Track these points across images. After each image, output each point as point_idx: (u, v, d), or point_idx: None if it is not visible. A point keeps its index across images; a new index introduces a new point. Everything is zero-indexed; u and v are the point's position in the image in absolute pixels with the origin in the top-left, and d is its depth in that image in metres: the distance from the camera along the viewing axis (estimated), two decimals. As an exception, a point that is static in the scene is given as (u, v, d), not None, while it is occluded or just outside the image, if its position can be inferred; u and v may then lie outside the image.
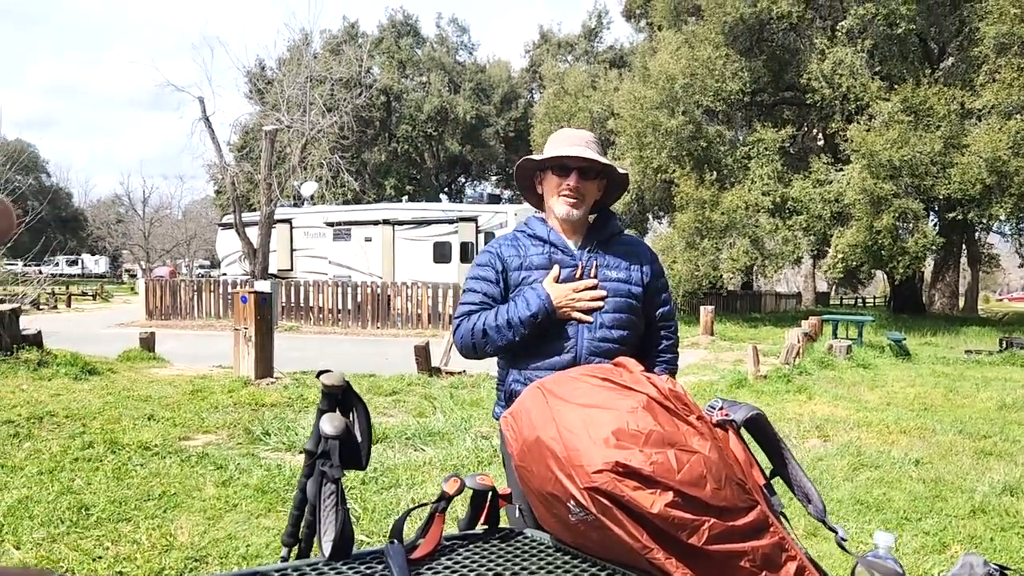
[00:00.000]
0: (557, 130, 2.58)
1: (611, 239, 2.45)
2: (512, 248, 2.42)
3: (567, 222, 2.39)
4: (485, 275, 2.41)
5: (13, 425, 6.87)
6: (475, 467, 5.40)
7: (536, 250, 2.39)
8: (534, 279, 2.34)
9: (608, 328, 2.33)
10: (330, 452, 1.35)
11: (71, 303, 30.33)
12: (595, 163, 2.36)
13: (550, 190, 2.40)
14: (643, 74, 24.25)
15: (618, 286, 2.37)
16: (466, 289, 2.44)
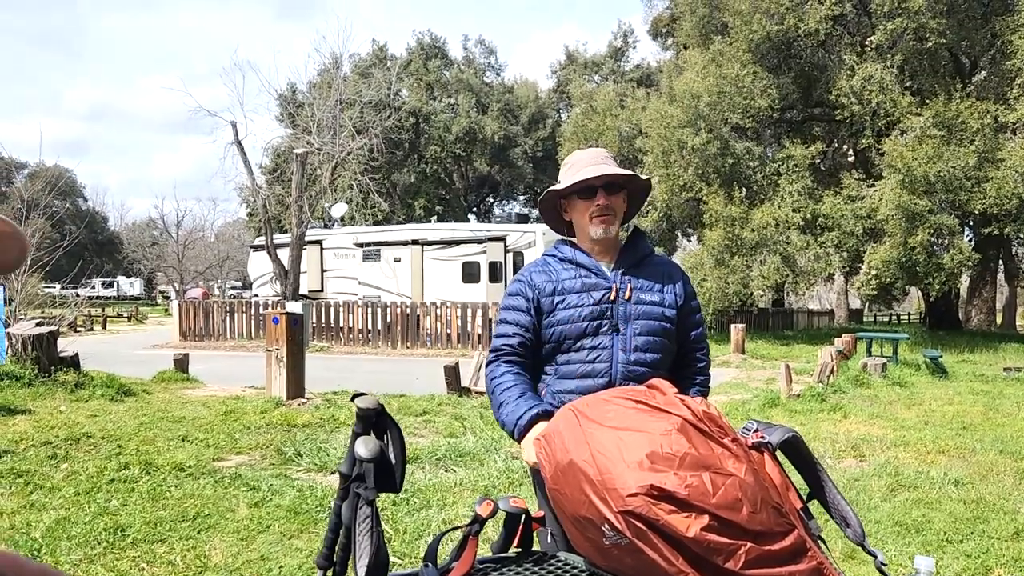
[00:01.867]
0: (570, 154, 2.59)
1: (644, 260, 2.44)
2: (543, 274, 2.41)
3: (600, 243, 2.39)
4: (516, 305, 2.41)
5: (51, 446, 6.99)
6: (506, 488, 5.38)
7: (568, 274, 2.39)
8: (568, 303, 2.34)
9: (642, 351, 2.32)
10: (365, 475, 1.36)
11: (107, 325, 30.88)
12: (618, 177, 2.36)
13: (579, 214, 2.40)
14: (669, 93, 24.26)
15: (651, 309, 2.36)
16: (499, 320, 2.44)
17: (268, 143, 31.48)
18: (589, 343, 2.32)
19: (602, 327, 2.32)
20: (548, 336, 2.37)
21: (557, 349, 2.36)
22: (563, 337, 2.34)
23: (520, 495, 1.72)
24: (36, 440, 7.23)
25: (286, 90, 33.51)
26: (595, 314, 2.33)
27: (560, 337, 2.34)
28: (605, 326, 2.32)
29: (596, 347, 2.31)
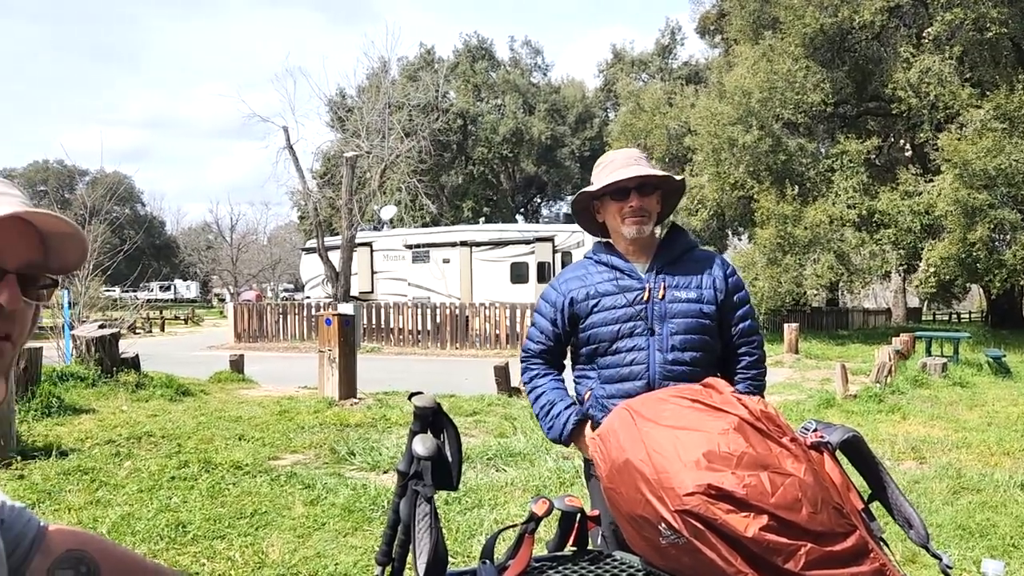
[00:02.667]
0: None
1: (681, 257, 2.40)
2: (578, 280, 2.42)
3: (635, 243, 2.37)
4: (543, 311, 2.47)
5: (115, 444, 7.21)
6: (558, 488, 5.38)
7: (602, 276, 2.38)
8: (602, 305, 2.34)
9: (680, 351, 2.29)
10: (423, 472, 1.37)
11: (164, 327, 31.72)
12: (651, 178, 2.34)
13: (612, 216, 2.39)
14: (719, 90, 23.95)
15: (688, 307, 2.32)
16: (532, 324, 2.53)
17: (318, 148, 32.03)
18: (625, 345, 2.31)
19: (636, 328, 2.30)
20: (585, 339, 2.37)
21: (596, 352, 2.36)
22: (599, 340, 2.34)
23: (575, 495, 1.72)
24: (100, 439, 7.47)
25: (335, 95, 34.02)
26: (628, 316, 2.31)
27: (596, 340, 2.35)
28: (639, 327, 2.30)
29: (632, 349, 2.30)
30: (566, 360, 2.54)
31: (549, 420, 2.38)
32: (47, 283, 1.05)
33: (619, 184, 2.32)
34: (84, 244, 1.07)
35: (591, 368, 2.39)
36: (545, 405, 2.40)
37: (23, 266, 1.00)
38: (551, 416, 2.38)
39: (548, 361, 2.48)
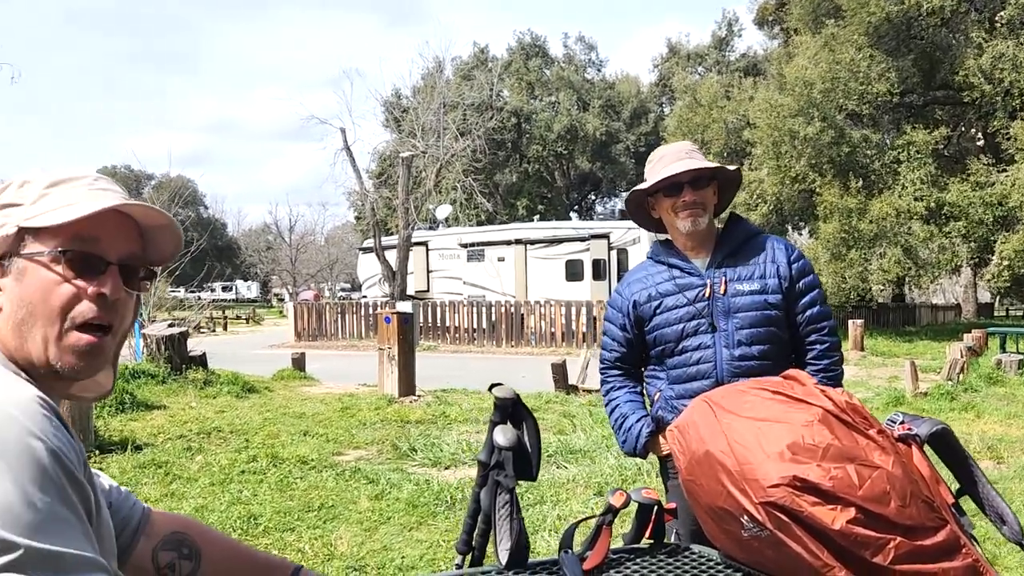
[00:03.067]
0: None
1: (741, 247, 2.33)
2: (640, 283, 2.39)
3: (692, 236, 2.32)
4: (612, 318, 2.46)
5: (186, 439, 7.43)
6: (619, 484, 5.35)
7: (662, 276, 2.35)
8: (664, 306, 2.31)
9: (747, 345, 2.23)
10: (504, 463, 1.38)
11: (227, 326, 32.56)
12: (704, 171, 2.29)
13: (667, 211, 2.34)
14: (779, 81, 23.48)
15: (752, 299, 2.25)
16: (604, 332, 2.52)
17: (374, 148, 32.42)
18: (690, 344, 2.27)
19: (700, 327, 2.26)
20: (651, 341, 2.35)
21: (663, 353, 2.33)
22: (664, 341, 2.31)
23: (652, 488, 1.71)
24: (172, 433, 7.70)
25: (391, 95, 34.40)
26: (691, 314, 2.27)
27: (662, 341, 2.32)
28: (703, 325, 2.25)
29: (698, 348, 2.26)
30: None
31: (623, 434, 2.39)
32: (145, 274, 1.08)
33: (671, 179, 2.28)
34: (179, 235, 1.11)
35: (661, 369, 2.37)
36: (618, 418, 2.41)
37: (124, 257, 1.04)
38: (624, 429, 2.38)
39: (624, 369, 2.47)
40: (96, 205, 0.98)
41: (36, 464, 0.84)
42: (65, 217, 0.97)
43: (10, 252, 0.99)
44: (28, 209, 1.00)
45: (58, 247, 0.99)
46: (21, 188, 1.02)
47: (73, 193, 1.01)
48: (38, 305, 0.98)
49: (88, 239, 1.00)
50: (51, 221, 0.98)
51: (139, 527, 1.22)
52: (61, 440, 0.88)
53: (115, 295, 1.01)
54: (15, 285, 0.99)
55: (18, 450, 0.84)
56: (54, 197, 1.01)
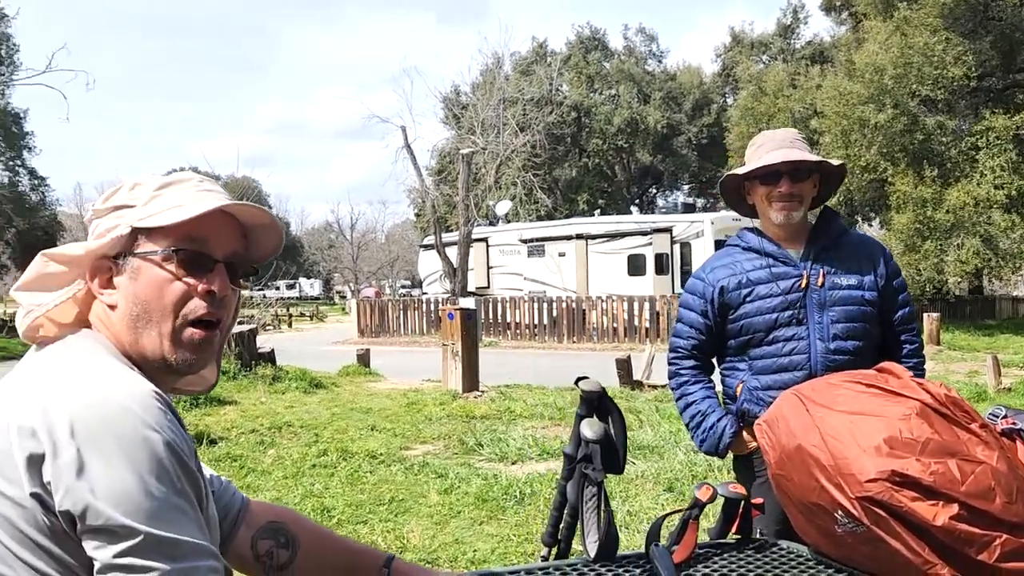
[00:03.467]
0: (756, 134, 2.48)
1: (837, 242, 2.29)
2: (726, 268, 2.33)
3: (785, 228, 2.27)
4: (691, 304, 2.38)
5: (258, 434, 7.63)
6: (690, 481, 5.28)
7: (753, 264, 2.29)
8: (755, 294, 2.25)
9: (842, 339, 2.20)
10: (592, 456, 1.37)
11: (291, 323, 33.31)
12: (804, 163, 2.22)
13: (760, 199, 2.29)
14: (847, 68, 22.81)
15: (849, 293, 2.22)
16: (678, 319, 2.45)
17: (434, 145, 32.70)
18: (783, 335, 2.22)
19: (795, 317, 2.21)
20: (736, 330, 2.30)
21: (749, 343, 2.28)
22: (753, 330, 2.26)
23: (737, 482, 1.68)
24: (244, 428, 7.92)
25: (450, 92, 34.62)
26: (785, 304, 2.22)
27: (750, 331, 2.26)
28: (798, 316, 2.21)
29: (791, 338, 2.21)
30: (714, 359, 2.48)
31: (702, 432, 2.33)
32: (248, 271, 1.12)
33: (769, 168, 2.23)
34: (280, 234, 1.14)
35: (741, 360, 2.31)
36: (696, 416, 2.35)
37: (229, 255, 1.08)
38: (703, 428, 2.33)
39: (699, 360, 2.41)
40: (204, 206, 1.02)
41: (153, 455, 0.88)
42: (176, 218, 1.01)
43: (124, 252, 1.04)
44: (140, 210, 1.04)
45: (170, 246, 1.03)
46: (132, 190, 1.06)
47: (182, 194, 1.05)
48: (152, 302, 1.02)
49: (197, 239, 1.04)
50: (162, 222, 1.02)
51: (239, 516, 1.26)
52: (175, 432, 0.92)
53: (223, 292, 1.05)
54: (129, 283, 1.03)
55: (136, 442, 0.87)
56: (164, 198, 1.05)
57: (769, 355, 2.23)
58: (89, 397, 0.89)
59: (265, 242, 1.13)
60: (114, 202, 1.06)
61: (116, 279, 1.04)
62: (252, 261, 1.13)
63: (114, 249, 1.04)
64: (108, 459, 0.86)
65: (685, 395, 2.39)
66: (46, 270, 1.06)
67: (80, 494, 0.85)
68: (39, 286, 1.06)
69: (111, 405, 0.89)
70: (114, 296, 1.04)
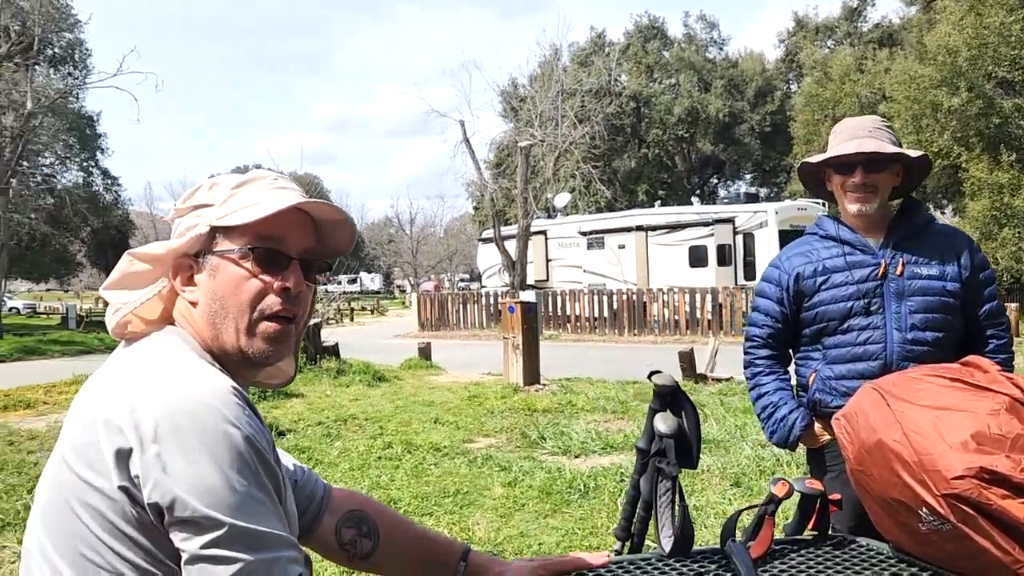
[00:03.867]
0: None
1: (920, 231, 2.22)
2: (803, 256, 2.29)
3: (863, 217, 2.21)
4: (767, 293, 2.35)
5: (324, 426, 7.79)
6: (758, 476, 5.20)
7: (830, 252, 2.25)
8: (831, 282, 2.21)
9: (920, 330, 2.13)
10: (666, 450, 1.36)
11: (353, 317, 33.87)
12: (879, 155, 2.14)
13: (837, 188, 2.24)
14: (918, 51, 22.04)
15: (930, 284, 2.16)
16: (752, 307, 2.43)
17: (492, 139, 32.75)
18: (858, 324, 2.17)
19: (872, 306, 2.16)
20: (811, 318, 2.26)
21: (823, 332, 2.24)
22: (827, 319, 2.22)
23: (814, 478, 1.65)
24: (311, 420, 8.09)
25: (508, 85, 34.64)
26: (861, 292, 2.17)
27: (824, 319, 2.22)
28: (875, 305, 2.16)
29: (867, 327, 2.16)
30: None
31: (772, 424, 2.31)
32: (321, 267, 1.14)
33: (843, 159, 2.17)
34: (352, 229, 1.15)
35: (815, 349, 2.28)
36: (768, 407, 2.32)
37: (303, 252, 1.10)
38: (774, 420, 2.30)
39: (774, 349, 2.38)
40: (278, 204, 1.04)
41: (234, 449, 0.91)
42: (251, 216, 1.04)
43: (204, 250, 1.07)
44: (218, 209, 1.07)
45: (246, 244, 1.05)
46: (211, 190, 1.10)
47: (257, 192, 1.08)
48: (229, 299, 1.05)
49: (272, 236, 1.07)
50: (239, 220, 1.05)
51: (322, 503, 1.29)
52: (254, 427, 0.94)
53: (297, 288, 1.07)
54: (209, 280, 1.06)
55: (217, 437, 0.90)
56: (240, 197, 1.07)
57: (844, 344, 2.19)
58: (173, 394, 0.93)
59: (338, 238, 1.15)
60: (194, 201, 1.10)
61: (197, 276, 1.07)
62: (326, 257, 1.16)
63: (194, 247, 1.08)
64: (192, 454, 0.89)
65: (758, 386, 2.37)
66: (131, 269, 1.10)
67: (168, 487, 0.88)
68: (125, 284, 1.10)
69: (193, 402, 0.92)
70: (195, 293, 1.07)
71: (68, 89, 26.42)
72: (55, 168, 29.34)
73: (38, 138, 23.01)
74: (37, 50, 21.36)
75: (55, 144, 26.59)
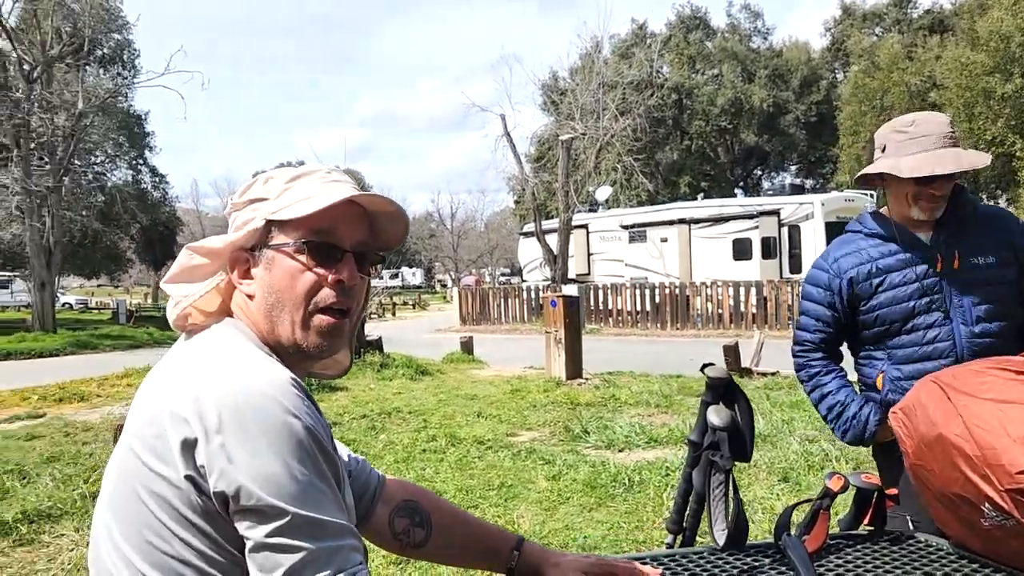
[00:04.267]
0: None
1: (969, 220, 2.14)
2: (852, 256, 2.19)
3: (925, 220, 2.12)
4: (815, 297, 2.26)
5: (368, 419, 7.87)
6: (806, 471, 5.12)
7: (880, 251, 2.16)
8: (888, 283, 2.13)
9: (986, 321, 2.06)
10: (719, 443, 1.34)
11: (395, 312, 34.15)
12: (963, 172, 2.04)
13: (900, 192, 2.11)
14: (970, 37, 21.44)
15: (988, 273, 2.08)
16: (801, 312, 2.33)
17: (533, 133, 32.70)
18: (922, 323, 2.10)
19: (934, 303, 2.09)
20: (871, 321, 2.17)
21: (886, 334, 2.15)
22: (889, 321, 2.13)
23: (871, 472, 1.61)
24: (355, 413, 8.18)
25: (548, 78, 34.52)
26: (922, 291, 2.10)
27: (886, 321, 2.14)
28: (937, 301, 2.09)
29: (932, 325, 2.09)
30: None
31: (844, 422, 2.22)
32: (375, 260, 1.15)
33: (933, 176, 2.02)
34: (405, 221, 1.16)
35: (878, 349, 2.19)
36: (835, 406, 2.24)
37: (356, 245, 1.11)
38: (845, 418, 2.22)
39: (827, 352, 2.30)
40: (331, 197, 1.05)
41: (295, 440, 0.92)
42: (305, 210, 1.05)
43: (260, 244, 1.08)
44: (273, 203, 1.08)
45: (300, 238, 1.07)
46: (266, 184, 1.11)
47: (310, 186, 1.09)
48: (285, 292, 1.06)
49: (326, 230, 1.07)
50: (293, 214, 1.06)
51: (376, 493, 1.31)
52: (313, 418, 0.96)
53: (351, 281, 1.08)
54: (265, 274, 1.08)
55: (279, 427, 0.92)
56: (295, 191, 1.08)
57: (910, 344, 2.12)
58: (235, 386, 0.94)
59: (391, 230, 1.16)
60: (250, 195, 1.11)
61: (253, 270, 1.09)
62: (379, 249, 1.16)
63: (250, 241, 1.09)
64: (255, 444, 0.91)
65: (819, 386, 2.29)
66: (190, 263, 1.11)
67: (233, 477, 0.90)
68: (185, 278, 1.11)
69: (255, 393, 0.93)
70: (252, 286, 1.09)
71: (117, 89, 27.04)
72: (105, 166, 30.08)
73: (89, 137, 23.61)
74: (87, 51, 21.85)
75: (105, 143, 27.27)
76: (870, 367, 2.24)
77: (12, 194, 19.71)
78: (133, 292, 57.11)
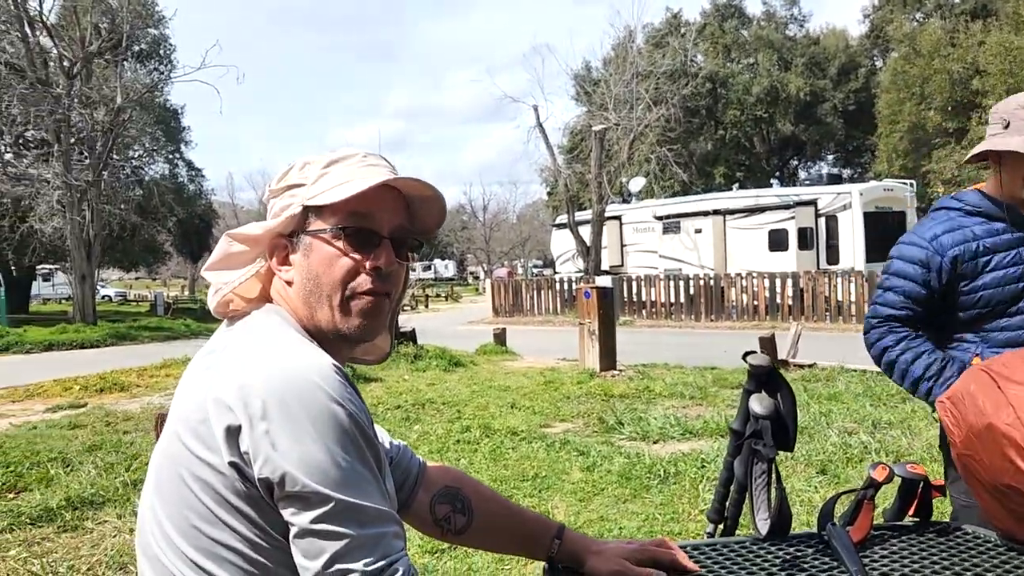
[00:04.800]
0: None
1: None
2: (955, 233, 2.09)
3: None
4: (910, 274, 2.12)
5: (403, 410, 7.93)
6: (844, 464, 5.05)
7: (984, 228, 2.07)
8: (995, 263, 2.04)
9: None
10: (762, 432, 1.33)
11: (428, 304, 34.34)
12: None
13: (1018, 171, 2.02)
14: (1015, 21, 20.89)
15: None
16: (885, 285, 2.18)
17: (566, 123, 32.59)
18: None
19: None
20: (972, 302, 2.08)
21: (982, 317, 2.08)
22: (994, 303, 2.05)
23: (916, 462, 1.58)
24: (390, 404, 8.25)
25: (581, 69, 34.34)
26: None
27: (990, 303, 2.06)
28: None
29: None
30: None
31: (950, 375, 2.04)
32: (413, 245, 1.14)
33: None
34: (443, 205, 1.15)
35: (971, 333, 2.11)
36: (933, 363, 2.07)
37: (394, 230, 1.10)
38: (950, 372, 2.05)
39: (913, 329, 2.15)
40: (367, 182, 1.04)
41: (338, 426, 0.92)
42: (342, 195, 1.04)
43: (298, 229, 1.08)
44: (310, 189, 1.08)
45: (338, 224, 1.06)
46: (303, 170, 1.11)
47: (347, 171, 1.08)
48: (323, 277, 1.06)
49: (363, 214, 1.07)
50: (329, 199, 1.05)
51: (417, 479, 1.31)
52: (355, 404, 0.96)
53: (389, 267, 1.08)
54: (303, 260, 1.08)
55: (322, 414, 0.92)
56: (332, 176, 1.08)
57: (1011, 328, 2.04)
58: (278, 373, 0.94)
59: (429, 215, 1.15)
60: (287, 181, 1.11)
61: (292, 256, 1.09)
62: (417, 234, 1.16)
63: (288, 228, 1.09)
64: (299, 431, 0.91)
65: (911, 348, 2.11)
66: (230, 250, 1.12)
67: (277, 463, 0.91)
68: (225, 265, 1.12)
69: (298, 380, 0.94)
70: (290, 272, 1.09)
71: (155, 84, 27.47)
72: (143, 160, 30.58)
73: (127, 132, 24.00)
74: (125, 47, 22.23)
75: (143, 137, 27.70)
76: (962, 352, 2.13)
77: (53, 188, 20.14)
78: (171, 285, 58.10)
